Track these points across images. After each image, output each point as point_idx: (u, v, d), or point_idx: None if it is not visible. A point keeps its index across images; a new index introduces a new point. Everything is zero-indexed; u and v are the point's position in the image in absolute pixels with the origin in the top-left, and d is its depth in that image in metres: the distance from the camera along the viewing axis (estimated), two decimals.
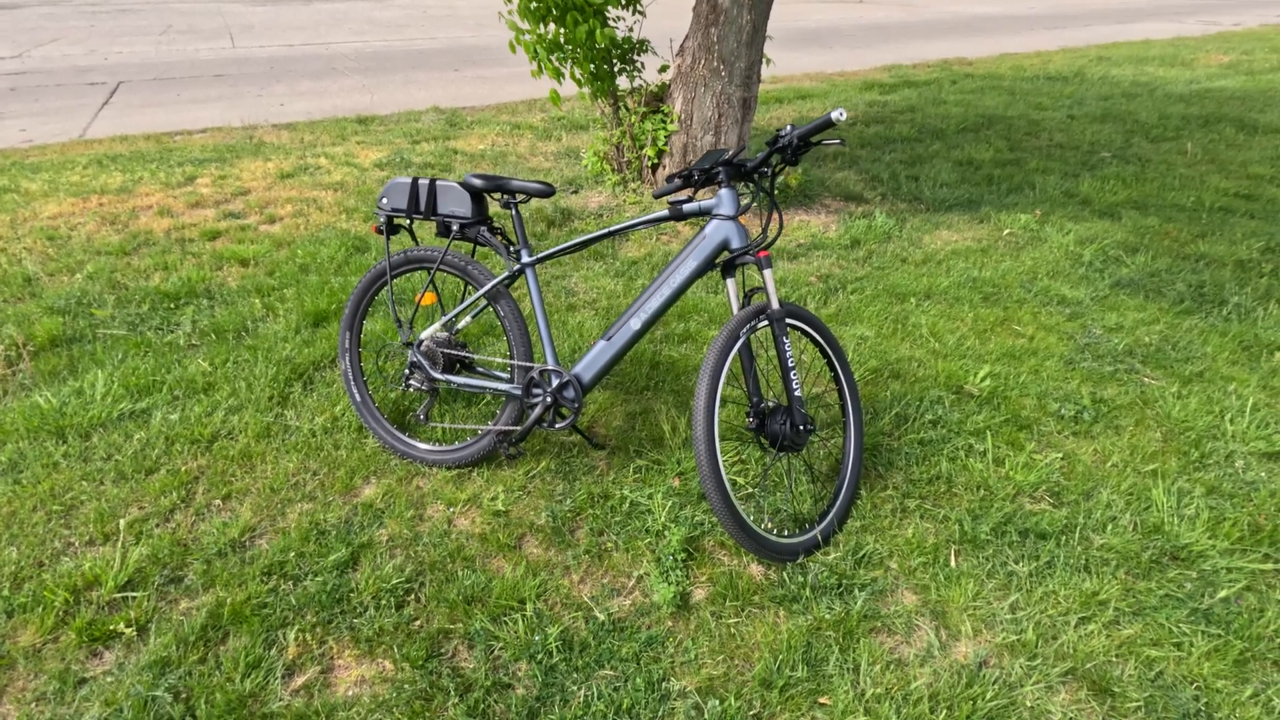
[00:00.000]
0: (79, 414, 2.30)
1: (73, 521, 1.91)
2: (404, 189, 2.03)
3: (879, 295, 3.14)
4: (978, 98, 7.44)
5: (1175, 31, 12.97)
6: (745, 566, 1.79)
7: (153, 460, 2.13)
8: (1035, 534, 1.84)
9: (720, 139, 4.02)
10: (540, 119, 6.23)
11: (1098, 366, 2.59)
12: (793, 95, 7.30)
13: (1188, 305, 3.03)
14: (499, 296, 2.01)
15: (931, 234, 3.88)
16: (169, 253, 3.52)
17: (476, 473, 2.11)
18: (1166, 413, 2.32)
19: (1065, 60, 9.72)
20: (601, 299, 3.12)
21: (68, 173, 4.63)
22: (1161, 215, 4.12)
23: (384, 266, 2.12)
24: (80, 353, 2.67)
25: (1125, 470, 2.07)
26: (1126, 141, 5.78)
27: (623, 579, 1.77)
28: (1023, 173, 4.95)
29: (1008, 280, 3.29)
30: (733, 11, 3.74)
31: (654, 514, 1.93)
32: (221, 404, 2.38)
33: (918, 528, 1.89)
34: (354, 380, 2.24)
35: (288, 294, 3.12)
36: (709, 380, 1.67)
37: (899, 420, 2.29)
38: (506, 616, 1.65)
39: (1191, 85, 8.03)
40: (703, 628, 1.63)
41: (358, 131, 5.76)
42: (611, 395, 2.46)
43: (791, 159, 1.73)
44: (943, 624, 1.63)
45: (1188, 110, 6.80)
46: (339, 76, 7.99)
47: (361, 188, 4.45)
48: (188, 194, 4.30)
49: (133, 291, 3.13)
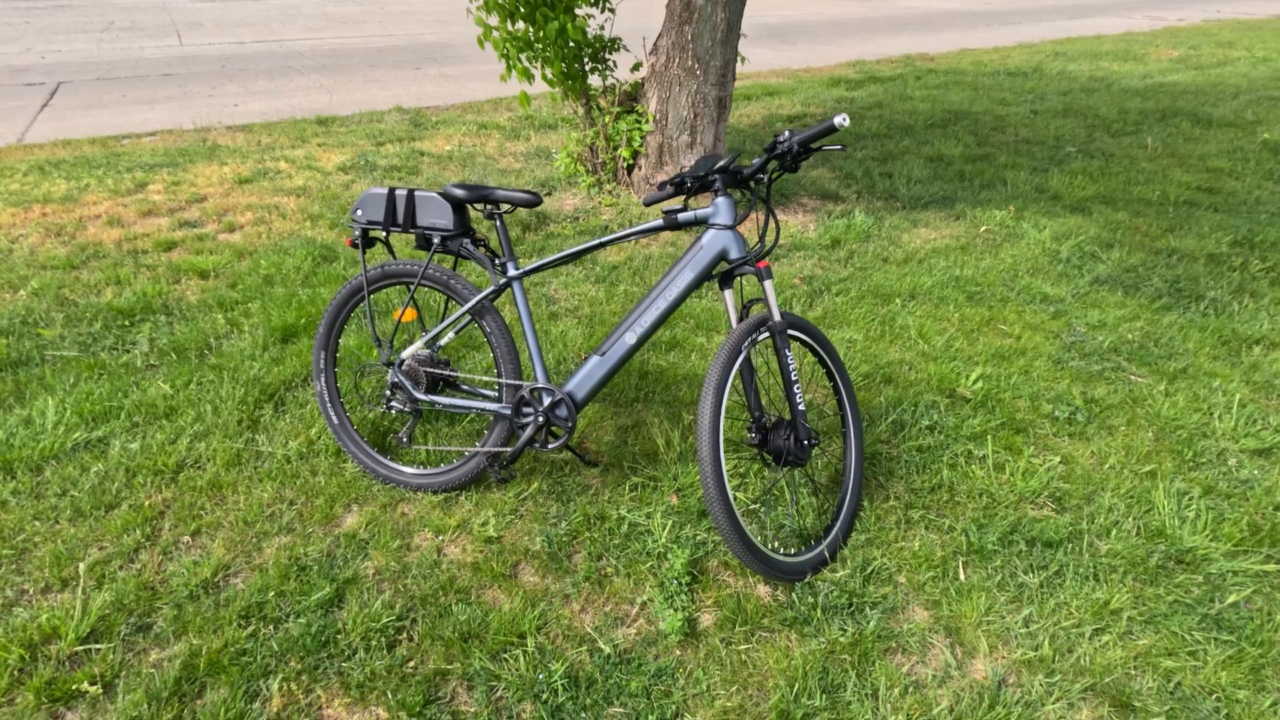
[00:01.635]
0: (28, 446, 2.13)
1: (26, 567, 1.76)
2: (380, 200, 1.91)
3: (864, 296, 3.12)
4: (942, 93, 7.51)
5: (1124, 26, 13.34)
6: (752, 588, 1.73)
7: (113, 495, 1.98)
8: (1042, 542, 1.82)
9: (696, 138, 3.95)
10: (507, 118, 6.09)
11: (1085, 365, 2.60)
12: (760, 92, 7.28)
13: (1165, 301, 3.07)
14: (484, 312, 1.91)
15: (910, 232, 3.88)
16: (121, 266, 3.32)
17: (464, 496, 2.01)
18: (1156, 411, 2.34)
19: (1023, 56, 9.90)
20: (584, 306, 3.03)
21: (6, 180, 4.35)
22: (1130, 210, 4.19)
23: (360, 282, 2.00)
24: (27, 377, 2.49)
25: (1123, 472, 2.07)
26: (1089, 136, 5.88)
27: (626, 606, 1.70)
28: (993, 168, 5.00)
29: (990, 278, 3.29)
30: (706, 9, 3.67)
31: (654, 534, 1.86)
32: (186, 430, 2.23)
33: (924, 540, 1.85)
34: (330, 402, 2.12)
35: (252, 308, 2.96)
36: (712, 398, 1.60)
37: (896, 427, 2.26)
38: (506, 653, 1.56)
39: (1145, 80, 8.24)
40: (713, 656, 1.57)
41: (318, 133, 5.55)
42: (601, 408, 2.38)
43: (791, 166, 1.67)
44: (957, 641, 1.59)
45: (1144, 105, 6.96)
46: (295, 75, 7.72)
47: (325, 192, 4.28)
48: (139, 201, 4.07)
49: (83, 309, 2.94)
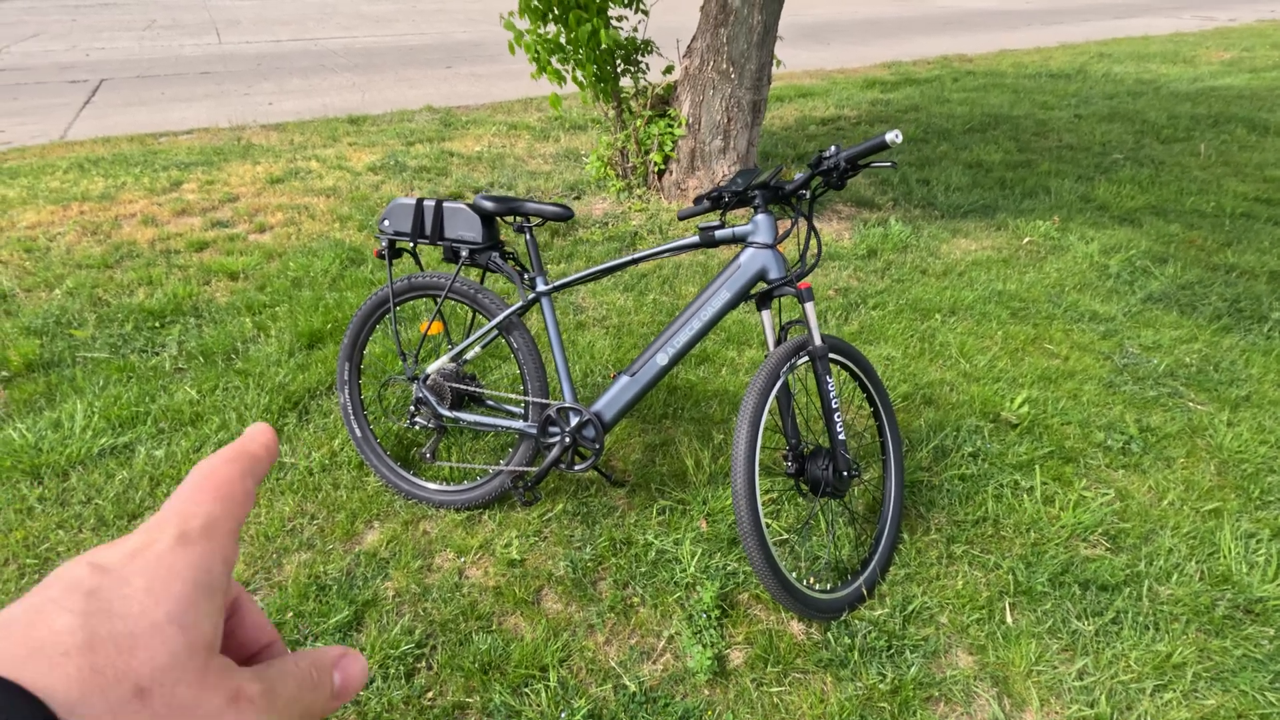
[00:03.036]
0: (56, 450, 2.13)
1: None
2: (407, 210, 1.86)
3: (902, 311, 3.01)
4: (981, 96, 7.31)
5: (1173, 27, 12.90)
6: (785, 624, 1.65)
7: (136, 503, 1.97)
8: (1096, 585, 1.71)
9: (729, 143, 3.87)
10: (537, 118, 6.05)
11: (1140, 390, 2.47)
12: (794, 93, 7.15)
13: (1225, 322, 2.91)
14: (512, 327, 1.85)
15: (949, 243, 3.75)
16: (154, 265, 3.34)
17: (487, 515, 1.96)
18: (1218, 443, 2.20)
19: (1066, 57, 9.61)
20: (612, 316, 2.97)
21: (47, 178, 4.42)
22: (1183, 222, 4.00)
23: (386, 293, 1.96)
24: (58, 379, 2.50)
25: (1184, 509, 1.95)
26: (1137, 143, 5.66)
27: (652, 639, 1.63)
28: (1035, 176, 4.83)
29: (1034, 294, 3.16)
30: (743, 11, 3.58)
31: (682, 563, 1.79)
32: (210, 437, 2.21)
33: (968, 577, 1.75)
34: (354, 414, 2.08)
35: (280, 311, 2.95)
36: (748, 428, 1.52)
37: (937, 454, 2.16)
38: (528, 687, 1.51)
39: (1196, 83, 7.93)
40: (743, 697, 1.49)
41: (349, 132, 5.57)
42: (628, 425, 2.31)
43: (837, 183, 1.58)
44: (1005, 692, 1.50)
45: (1195, 109, 6.69)
46: (328, 73, 7.77)
47: (355, 193, 4.27)
48: (173, 200, 4.10)
49: (115, 309, 2.95)
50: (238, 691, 0.24)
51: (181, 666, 0.23)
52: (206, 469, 0.28)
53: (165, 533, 0.26)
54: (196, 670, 0.23)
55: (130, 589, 0.24)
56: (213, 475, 0.28)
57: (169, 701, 0.22)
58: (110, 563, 0.24)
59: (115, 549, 0.25)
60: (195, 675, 0.23)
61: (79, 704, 0.20)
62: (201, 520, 0.26)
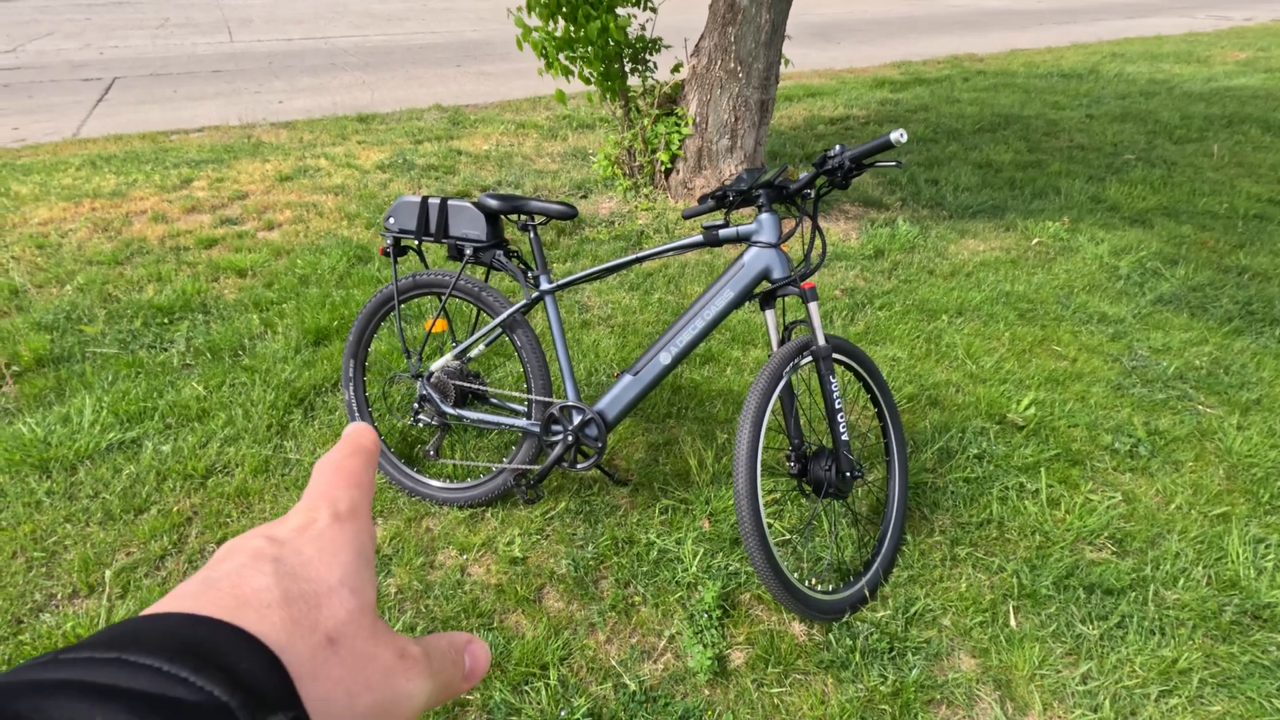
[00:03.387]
0: (65, 445, 2.15)
1: (55, 570, 1.77)
2: (413, 209, 1.87)
3: (908, 311, 2.99)
4: (991, 96, 7.26)
5: (1186, 26, 12.77)
6: (786, 625, 1.64)
7: (142, 499, 1.98)
8: (1102, 589, 1.69)
9: (736, 142, 3.86)
10: (545, 117, 6.06)
11: (1148, 393, 2.44)
12: (802, 93, 7.13)
13: (1237, 324, 2.88)
14: (516, 326, 1.86)
15: (957, 243, 3.73)
16: (163, 262, 3.36)
17: (490, 513, 1.96)
18: (1228, 446, 2.18)
19: (1078, 57, 9.54)
20: (617, 315, 2.97)
21: (60, 175, 4.46)
22: (1195, 223, 3.96)
23: (391, 291, 1.97)
24: (68, 374, 2.52)
25: (1191, 514, 1.93)
26: (1149, 143, 5.61)
27: (653, 639, 1.63)
28: (1045, 176, 4.79)
29: (1042, 295, 3.14)
30: (751, 10, 3.57)
31: (684, 563, 1.79)
32: (217, 433, 2.23)
33: (971, 579, 1.74)
34: (358, 411, 2.09)
35: (287, 308, 2.96)
36: (750, 428, 1.52)
37: (942, 455, 2.14)
38: (528, 685, 1.51)
39: (1210, 83, 7.85)
40: (743, 698, 1.49)
41: (358, 130, 5.59)
42: (632, 424, 2.31)
43: (841, 182, 1.57)
44: (1008, 695, 1.49)
45: (1209, 110, 6.63)
46: (339, 72, 7.81)
47: (363, 191, 4.29)
48: (183, 198, 4.13)
49: (125, 305, 2.98)
50: (404, 650, 0.27)
51: (357, 623, 0.26)
52: (334, 462, 0.31)
53: (321, 513, 0.28)
54: (368, 628, 0.26)
55: (305, 557, 0.26)
56: (342, 466, 0.31)
57: (353, 651, 0.25)
58: (282, 536, 0.27)
59: (282, 526, 0.28)
60: (368, 632, 0.26)
61: (286, 648, 0.23)
62: (347, 503, 0.29)
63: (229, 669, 0.21)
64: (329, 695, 0.23)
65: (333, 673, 0.24)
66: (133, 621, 0.22)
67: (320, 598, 0.25)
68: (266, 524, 0.28)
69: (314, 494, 0.30)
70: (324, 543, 0.27)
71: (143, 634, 0.21)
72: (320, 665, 0.24)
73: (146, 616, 0.22)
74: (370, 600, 0.27)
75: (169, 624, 0.22)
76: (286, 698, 0.22)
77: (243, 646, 0.22)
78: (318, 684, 0.23)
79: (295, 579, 0.25)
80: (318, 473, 0.31)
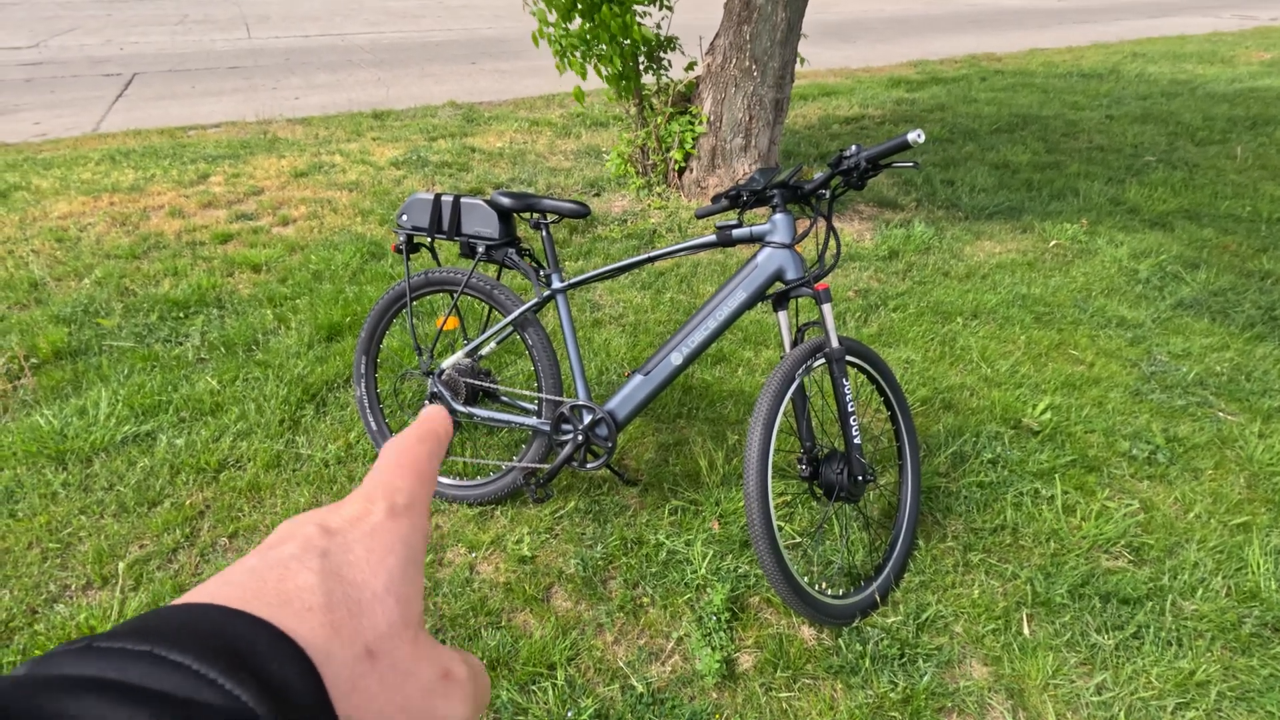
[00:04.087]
0: (81, 437, 2.17)
1: (70, 561, 1.78)
2: (425, 206, 1.87)
3: (923, 313, 2.96)
4: (1009, 96, 7.18)
5: (1210, 26, 12.57)
6: (796, 629, 1.63)
7: (156, 491, 2.00)
8: (1118, 599, 1.66)
9: (750, 141, 3.84)
10: (559, 115, 6.05)
11: (1167, 399, 2.40)
12: (817, 92, 7.08)
13: (1259, 330, 2.82)
14: (527, 324, 1.85)
15: (973, 245, 3.69)
16: (179, 257, 3.39)
17: (499, 511, 1.96)
18: (1249, 454, 2.14)
19: (1098, 56, 9.41)
20: (629, 314, 2.96)
21: (79, 169, 4.51)
22: (1217, 226, 3.90)
23: (403, 288, 1.97)
24: (85, 367, 2.55)
25: (1211, 523, 1.89)
26: (1170, 144, 5.53)
27: (661, 640, 1.62)
28: (1064, 177, 4.73)
29: (1059, 298, 3.09)
30: (766, 8, 3.55)
31: (693, 564, 1.78)
32: (230, 427, 2.24)
33: (984, 586, 1.72)
34: (369, 408, 2.10)
35: (300, 304, 2.98)
36: (762, 430, 1.50)
37: (956, 459, 2.12)
38: (535, 685, 1.51)
39: (1234, 84, 7.72)
40: (751, 702, 1.48)
41: (373, 127, 5.61)
42: (642, 424, 2.30)
43: (857, 183, 1.55)
44: (1020, 705, 1.47)
45: (1232, 111, 6.52)
46: (354, 69, 7.85)
47: (377, 188, 4.30)
48: (200, 193, 4.17)
49: (141, 299, 3.01)
50: (449, 670, 0.26)
51: (398, 636, 0.24)
52: (401, 447, 0.30)
53: (377, 505, 0.27)
54: (410, 641, 0.25)
55: (354, 556, 0.25)
56: (408, 453, 0.30)
57: (393, 666, 0.24)
58: (336, 527, 0.26)
59: (337, 513, 0.27)
60: (409, 646, 0.25)
61: (325, 655, 0.22)
62: (405, 497, 0.28)
63: (263, 673, 0.20)
64: (362, 712, 0.22)
65: (370, 688, 0.23)
66: (172, 610, 0.21)
67: (364, 605, 0.24)
68: (324, 508, 0.27)
69: (375, 480, 0.28)
70: (374, 542, 0.26)
71: (180, 627, 0.20)
72: (358, 679, 0.22)
73: (187, 606, 0.22)
74: (416, 611, 0.25)
75: (208, 617, 0.21)
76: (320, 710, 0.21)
77: (280, 650, 0.21)
78: (353, 699, 0.22)
79: (340, 580, 0.24)
80: (384, 456, 0.29)
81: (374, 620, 0.24)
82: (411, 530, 0.27)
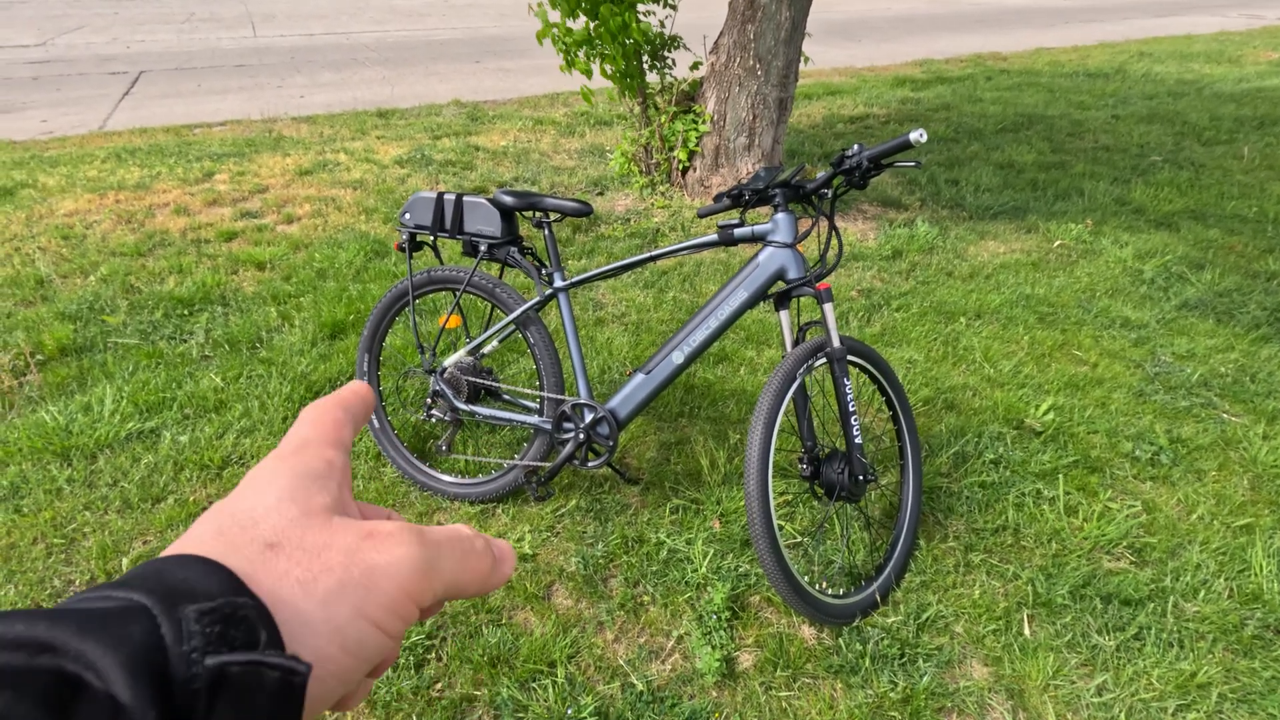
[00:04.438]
0: (86, 433, 2.18)
1: (74, 557, 1.79)
2: (428, 204, 1.87)
3: (926, 313, 2.96)
4: (1015, 95, 7.16)
5: (1218, 25, 12.50)
6: (796, 628, 1.63)
7: (160, 488, 2.01)
8: (1119, 600, 1.66)
9: (754, 140, 3.83)
10: (563, 114, 6.06)
11: (1171, 400, 2.39)
12: (822, 91, 7.07)
13: (1264, 331, 2.81)
14: (529, 322, 1.86)
15: (977, 244, 3.68)
16: (184, 254, 3.40)
17: (501, 509, 1.97)
18: (1253, 456, 2.13)
19: (1104, 56, 9.37)
20: (631, 312, 2.96)
21: (85, 167, 4.53)
22: (1223, 227, 3.88)
23: (405, 286, 1.97)
24: (90, 364, 2.56)
25: (1213, 524, 1.89)
26: (1177, 144, 5.50)
27: (661, 639, 1.62)
28: (1069, 177, 4.71)
29: (1063, 298, 3.09)
30: (771, 7, 3.54)
31: (693, 563, 1.78)
32: (233, 425, 2.25)
33: (985, 586, 1.72)
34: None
35: (304, 302, 2.99)
36: (762, 430, 1.51)
37: (957, 459, 2.12)
38: (535, 682, 1.51)
39: (1241, 84, 7.68)
40: (751, 700, 1.48)
41: (378, 125, 5.62)
42: (644, 423, 2.31)
43: (859, 182, 1.55)
44: (1020, 705, 1.46)
45: (1240, 111, 6.48)
46: (359, 67, 7.86)
47: (381, 186, 4.31)
48: (205, 191, 4.18)
49: (146, 296, 3.02)
50: (371, 530, 0.28)
51: (303, 524, 0.27)
52: (309, 408, 0.33)
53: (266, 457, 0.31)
54: (320, 524, 0.27)
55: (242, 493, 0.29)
56: (311, 409, 0.33)
57: (301, 546, 0.26)
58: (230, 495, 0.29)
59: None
60: (320, 525, 0.27)
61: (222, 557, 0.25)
62: (295, 442, 0.31)
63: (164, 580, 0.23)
64: (278, 587, 0.25)
65: (277, 568, 0.26)
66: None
67: (256, 516, 0.27)
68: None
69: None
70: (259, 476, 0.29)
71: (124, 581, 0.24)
72: (261, 565, 0.25)
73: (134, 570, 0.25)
74: (321, 504, 0.28)
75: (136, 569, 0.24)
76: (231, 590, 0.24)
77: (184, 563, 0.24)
78: (264, 579, 0.25)
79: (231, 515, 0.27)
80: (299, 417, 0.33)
81: (270, 522, 0.27)
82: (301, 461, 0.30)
